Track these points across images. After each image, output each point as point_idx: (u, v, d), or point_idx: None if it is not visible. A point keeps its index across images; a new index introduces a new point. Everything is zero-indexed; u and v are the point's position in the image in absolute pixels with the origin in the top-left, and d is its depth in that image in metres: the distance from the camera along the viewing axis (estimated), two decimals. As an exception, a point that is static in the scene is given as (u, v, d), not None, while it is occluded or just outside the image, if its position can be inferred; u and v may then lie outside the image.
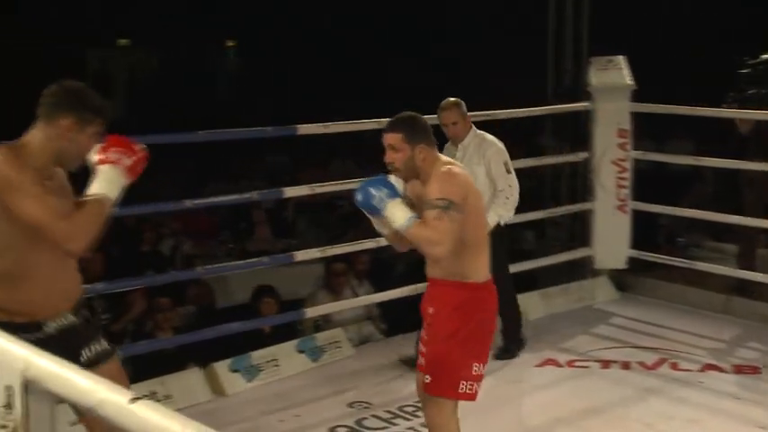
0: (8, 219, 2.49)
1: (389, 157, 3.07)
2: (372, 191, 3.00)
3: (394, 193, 3.00)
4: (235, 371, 4.58)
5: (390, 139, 3.06)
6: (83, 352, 2.68)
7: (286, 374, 4.71)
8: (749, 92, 5.52)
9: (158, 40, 15.36)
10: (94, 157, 2.59)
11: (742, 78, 5.57)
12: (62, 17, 13.12)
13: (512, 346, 4.94)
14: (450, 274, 3.06)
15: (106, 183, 2.57)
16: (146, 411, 1.55)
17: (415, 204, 3.06)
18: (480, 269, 3.08)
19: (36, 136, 2.56)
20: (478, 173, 4.54)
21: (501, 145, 4.71)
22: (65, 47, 13.40)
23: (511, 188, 4.67)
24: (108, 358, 2.75)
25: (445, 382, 3.04)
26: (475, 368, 3.05)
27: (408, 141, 3.03)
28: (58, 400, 1.77)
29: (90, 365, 2.57)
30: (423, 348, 3.14)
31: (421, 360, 3.14)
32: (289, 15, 14.63)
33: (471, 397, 3.08)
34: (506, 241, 4.83)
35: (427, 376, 3.08)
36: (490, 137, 4.72)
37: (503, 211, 4.66)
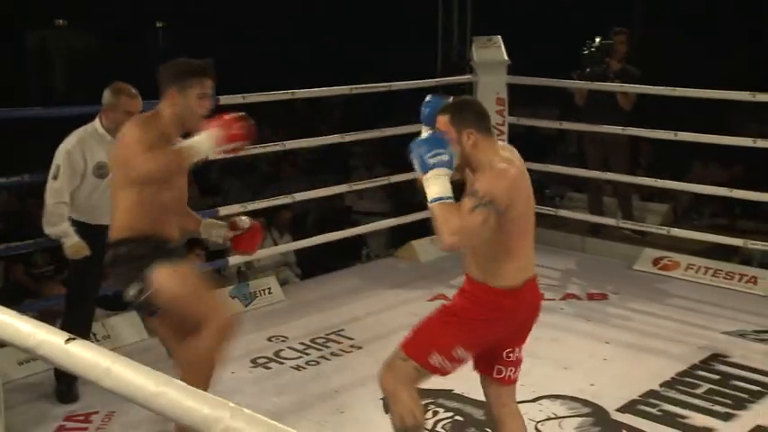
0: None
1: None
2: (434, 146, 2.49)
3: (444, 162, 2.47)
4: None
5: (439, 121, 2.63)
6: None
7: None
8: (587, 70, 5.75)
9: (94, 20, 14.79)
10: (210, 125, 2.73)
11: (583, 58, 5.78)
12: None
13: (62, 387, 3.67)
14: (482, 275, 2.63)
15: (206, 136, 2.71)
16: (80, 350, 1.54)
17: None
18: (506, 276, 2.59)
19: (161, 107, 2.82)
20: None
21: None
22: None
23: None
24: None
25: (420, 345, 2.64)
26: (457, 351, 2.62)
27: (454, 124, 2.57)
28: (1, 343, 1.74)
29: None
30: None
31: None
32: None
33: (440, 372, 2.65)
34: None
35: (410, 334, 2.68)
36: None
37: None
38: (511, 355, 2.74)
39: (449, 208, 2.46)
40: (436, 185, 2.47)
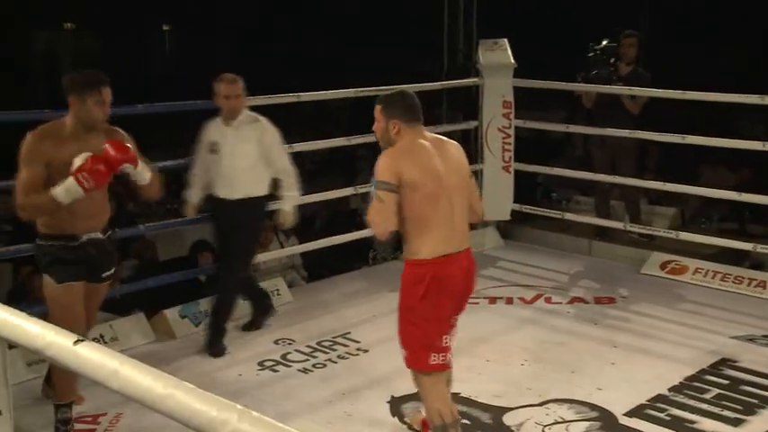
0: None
1: (374, 125, 2.92)
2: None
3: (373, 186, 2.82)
4: (183, 316, 4.52)
5: (375, 109, 2.90)
6: (105, 270, 3.32)
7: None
8: (592, 73, 5.72)
9: (101, 24, 14.85)
10: (75, 164, 3.01)
11: (588, 61, 5.76)
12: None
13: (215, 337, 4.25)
14: (406, 252, 2.85)
15: (64, 190, 3.01)
16: (88, 352, 1.55)
17: None
18: (425, 247, 2.78)
19: (68, 113, 3.17)
20: (250, 151, 4.13)
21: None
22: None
23: (292, 168, 4.29)
24: (108, 281, 3.40)
25: (418, 356, 2.84)
26: (443, 340, 2.83)
27: (384, 114, 2.86)
28: (10, 344, 1.74)
29: (102, 281, 3.33)
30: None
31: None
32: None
33: (443, 367, 2.87)
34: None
35: (404, 351, 2.88)
36: (263, 117, 4.24)
37: (297, 191, 4.30)
38: (454, 322, 2.95)
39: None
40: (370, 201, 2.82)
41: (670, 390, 3.75)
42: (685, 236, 5.47)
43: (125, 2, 13.81)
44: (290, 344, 4.34)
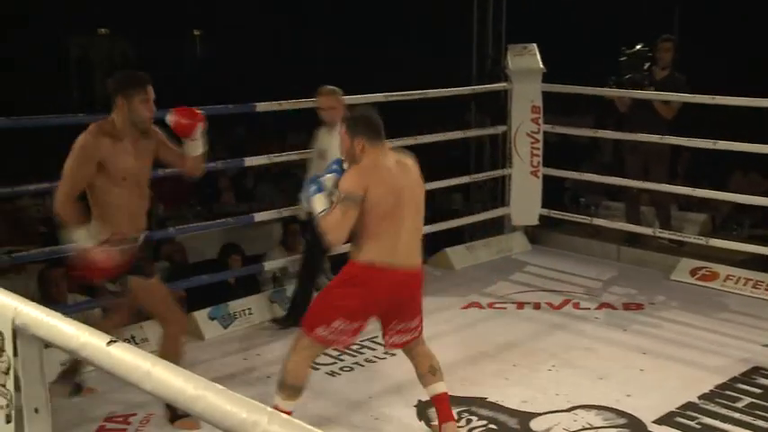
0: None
1: (340, 144, 3.18)
2: (305, 191, 3.12)
3: (318, 189, 3.07)
4: (212, 318, 4.56)
5: (340, 129, 3.15)
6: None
7: (258, 321, 4.68)
8: (626, 77, 5.65)
9: (134, 29, 15.03)
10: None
11: (620, 65, 5.69)
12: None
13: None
14: (351, 252, 3.09)
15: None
16: (120, 353, 1.57)
17: None
18: (365, 254, 3.00)
19: (114, 113, 3.26)
20: None
21: None
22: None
23: None
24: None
25: (312, 321, 3.09)
26: (336, 323, 3.03)
27: (349, 133, 3.07)
28: (46, 343, 1.77)
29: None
30: None
31: None
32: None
33: (329, 342, 3.11)
34: None
35: (308, 311, 3.21)
36: None
37: None
38: (397, 326, 3.16)
39: (327, 215, 3.00)
40: (316, 206, 3.06)
41: (700, 398, 3.70)
42: (716, 242, 5.40)
43: (157, 7, 13.96)
44: (317, 347, 4.34)
